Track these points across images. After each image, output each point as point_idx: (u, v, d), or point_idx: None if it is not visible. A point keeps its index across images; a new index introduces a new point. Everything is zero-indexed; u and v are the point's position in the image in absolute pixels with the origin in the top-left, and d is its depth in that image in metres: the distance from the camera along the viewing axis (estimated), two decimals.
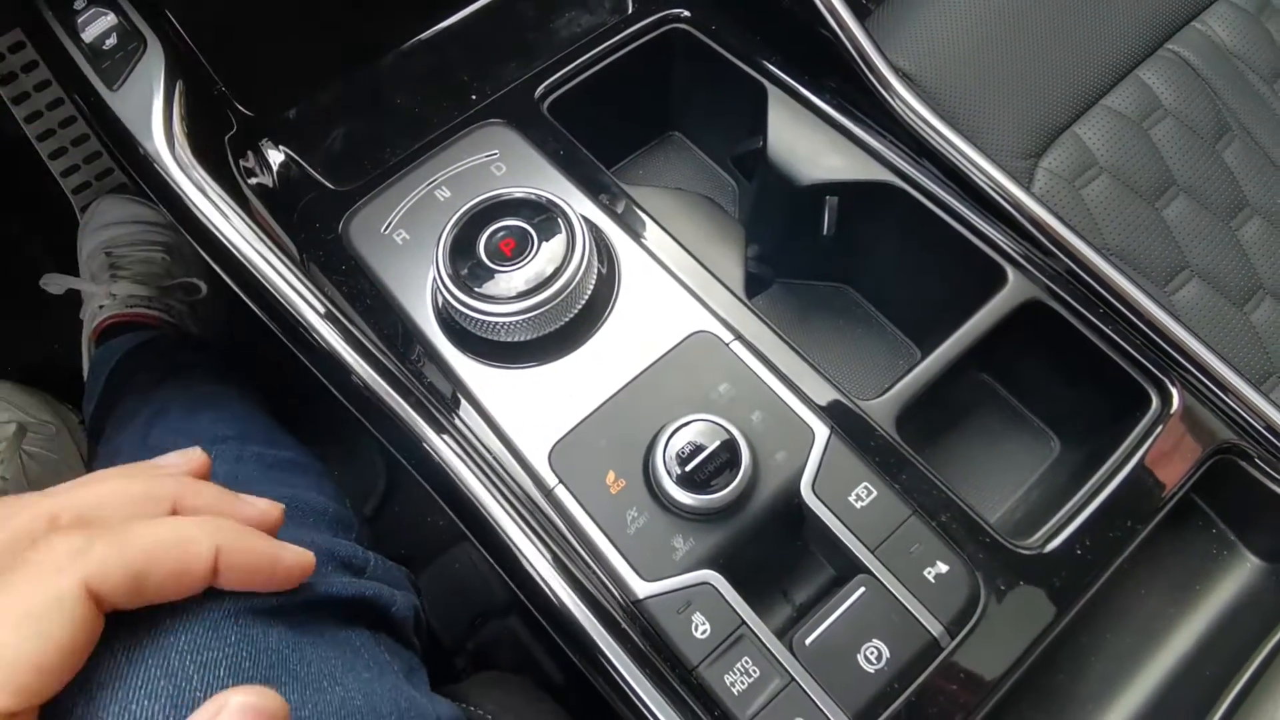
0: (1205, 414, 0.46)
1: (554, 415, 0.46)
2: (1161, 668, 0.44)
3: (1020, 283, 0.50)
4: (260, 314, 0.48)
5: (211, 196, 0.47)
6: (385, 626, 0.45)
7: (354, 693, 0.37)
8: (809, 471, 0.43)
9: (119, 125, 0.48)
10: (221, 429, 0.60)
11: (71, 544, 0.30)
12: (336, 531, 0.52)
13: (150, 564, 0.31)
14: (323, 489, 0.56)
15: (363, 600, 0.43)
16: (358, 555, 0.48)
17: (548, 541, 0.43)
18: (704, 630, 0.40)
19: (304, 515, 0.52)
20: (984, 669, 0.40)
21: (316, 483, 0.57)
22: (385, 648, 0.43)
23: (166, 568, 0.32)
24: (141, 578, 0.31)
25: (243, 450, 0.56)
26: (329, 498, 0.55)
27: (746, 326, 0.48)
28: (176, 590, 0.33)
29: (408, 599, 0.47)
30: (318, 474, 0.59)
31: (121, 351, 0.92)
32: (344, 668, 0.38)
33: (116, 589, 0.30)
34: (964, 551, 0.42)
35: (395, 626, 0.45)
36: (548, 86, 0.59)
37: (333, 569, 0.45)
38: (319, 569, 0.44)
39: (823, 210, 0.56)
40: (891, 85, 0.54)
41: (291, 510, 0.48)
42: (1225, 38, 0.80)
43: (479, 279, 0.46)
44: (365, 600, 0.43)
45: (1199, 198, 0.74)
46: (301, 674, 0.37)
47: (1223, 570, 0.47)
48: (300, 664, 0.37)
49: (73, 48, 0.50)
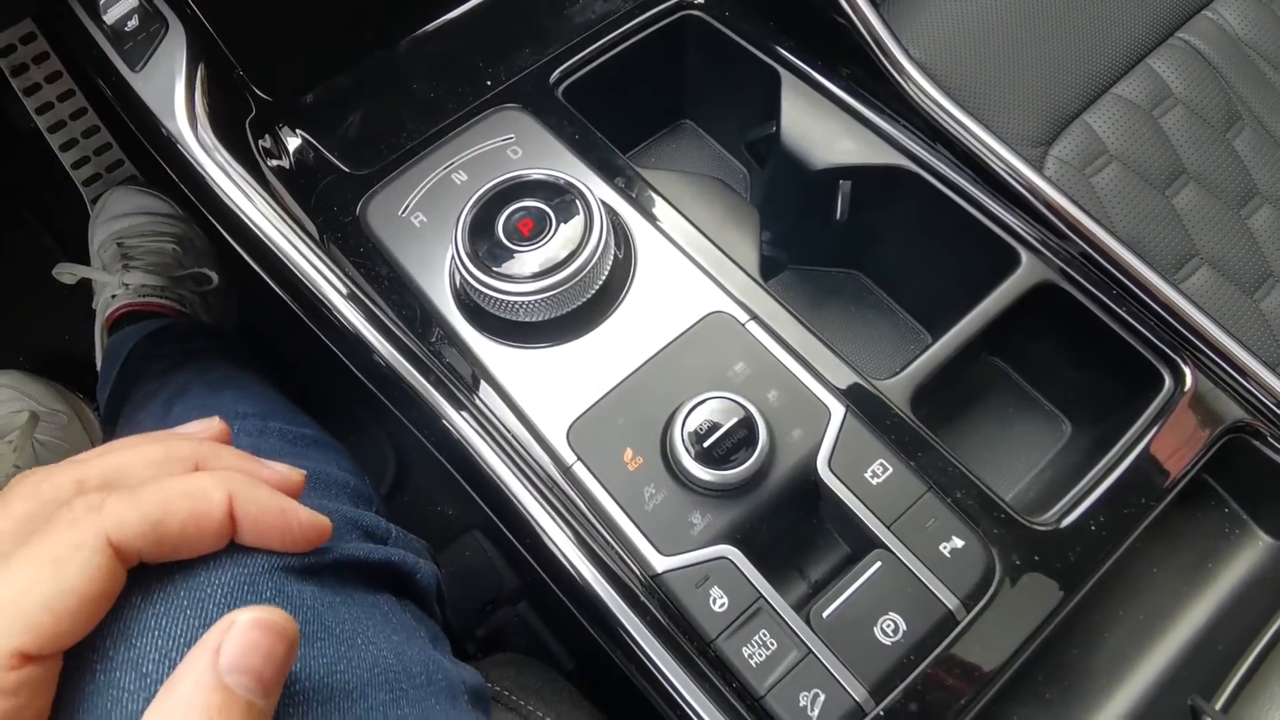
0: (1217, 393, 0.47)
1: (572, 394, 0.46)
2: (1174, 643, 0.45)
3: (1034, 265, 0.50)
4: (282, 294, 0.49)
5: (234, 177, 0.48)
6: (410, 594, 0.46)
7: (386, 652, 0.38)
8: (825, 449, 0.44)
9: (141, 106, 0.48)
10: (243, 406, 0.60)
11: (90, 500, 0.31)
12: (358, 504, 0.53)
13: (165, 513, 0.32)
14: (342, 465, 0.57)
15: (389, 565, 0.44)
16: (380, 526, 0.48)
17: (567, 517, 0.44)
18: (722, 604, 0.41)
19: (326, 487, 0.52)
20: (999, 642, 0.40)
21: (336, 459, 0.57)
22: (411, 614, 0.44)
23: (181, 516, 0.33)
24: (159, 526, 0.32)
25: (265, 426, 0.56)
26: (349, 473, 0.56)
27: (762, 307, 0.49)
28: (198, 539, 0.34)
29: (430, 569, 0.48)
30: (337, 451, 0.59)
31: (136, 339, 0.92)
32: (374, 628, 0.39)
33: (136, 538, 0.31)
34: (979, 527, 0.42)
35: (419, 594, 0.46)
36: (562, 72, 0.59)
37: (357, 536, 0.46)
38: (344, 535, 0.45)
39: (835, 195, 0.57)
40: (906, 70, 0.55)
41: (314, 481, 0.49)
42: (1236, 26, 0.81)
43: (498, 259, 0.46)
44: (391, 565, 0.44)
45: (1209, 186, 0.74)
46: (336, 630, 0.37)
47: (1234, 548, 0.47)
48: (335, 621, 0.37)
49: (95, 29, 0.50)
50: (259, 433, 0.56)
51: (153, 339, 0.92)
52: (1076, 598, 0.42)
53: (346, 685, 0.36)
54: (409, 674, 0.39)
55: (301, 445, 0.58)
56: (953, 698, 0.39)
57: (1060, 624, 0.43)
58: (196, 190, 0.48)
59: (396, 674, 0.38)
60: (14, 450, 1.02)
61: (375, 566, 0.43)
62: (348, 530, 0.46)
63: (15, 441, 1.03)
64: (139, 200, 1.17)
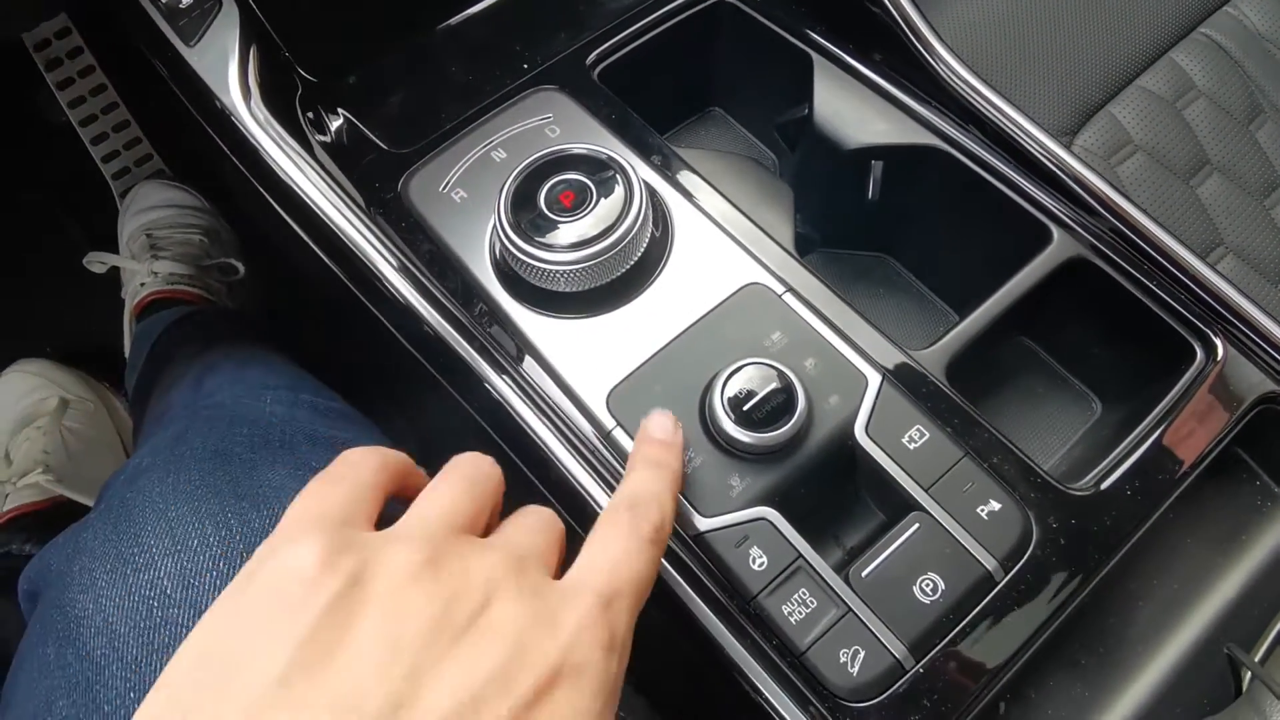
0: (1249, 366, 0.47)
1: (611, 362, 0.47)
2: (1207, 612, 0.45)
3: (1065, 241, 0.51)
4: (331, 264, 0.50)
5: (286, 150, 0.49)
6: None
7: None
8: (862, 414, 0.45)
9: (196, 80, 0.50)
10: (272, 380, 0.61)
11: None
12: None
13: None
14: (371, 436, 0.58)
15: None
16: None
17: (609, 480, 0.44)
18: (761, 563, 0.41)
19: None
20: (1037, 604, 0.41)
21: (367, 430, 0.58)
22: None
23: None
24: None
25: (296, 398, 0.57)
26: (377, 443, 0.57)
27: (798, 280, 0.50)
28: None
29: None
30: (367, 424, 0.60)
31: (165, 324, 0.94)
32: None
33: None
34: (1016, 491, 0.43)
35: None
36: (599, 55, 0.60)
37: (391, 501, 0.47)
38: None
39: (867, 175, 0.58)
40: (939, 53, 0.56)
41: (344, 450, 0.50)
42: (1257, 21, 0.81)
43: (539, 229, 0.47)
44: None
45: (1233, 176, 0.75)
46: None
47: (1267, 521, 0.47)
48: None
49: (150, 6, 0.51)
50: (290, 403, 0.57)
51: (181, 324, 0.94)
52: (1112, 561, 0.42)
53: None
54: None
55: (330, 417, 0.59)
56: (991, 657, 0.40)
57: (1095, 593, 0.43)
58: (249, 162, 0.50)
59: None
60: (43, 435, 1.03)
61: None
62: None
63: (44, 426, 1.04)
64: (167, 194, 1.19)
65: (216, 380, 0.64)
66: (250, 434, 0.46)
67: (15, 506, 0.98)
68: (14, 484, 1.00)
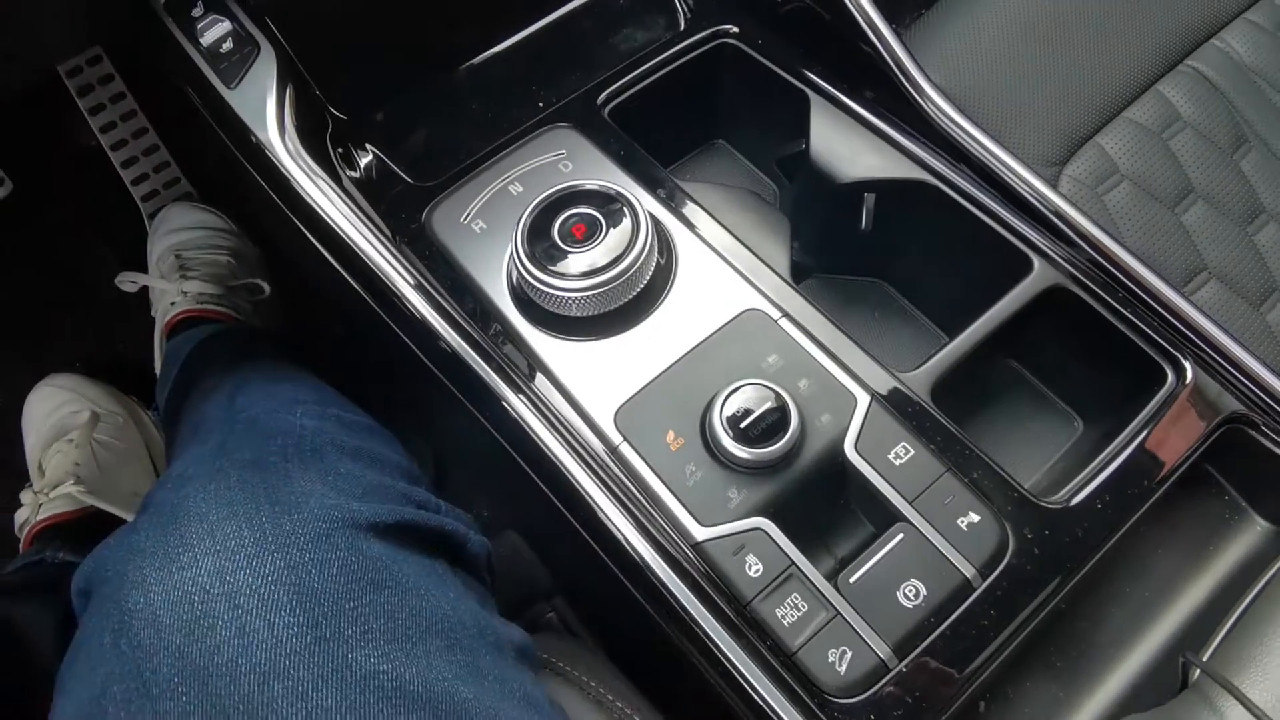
0: (1216, 387, 0.50)
1: (618, 382, 0.51)
2: (1175, 618, 0.48)
3: (1045, 270, 0.54)
4: (357, 286, 0.54)
5: (317, 182, 0.53)
6: (461, 562, 0.50)
7: (444, 604, 0.42)
8: (852, 432, 0.48)
9: (236, 119, 0.54)
10: (302, 395, 0.65)
11: None
12: (410, 482, 0.57)
13: None
14: (395, 449, 0.61)
15: (442, 532, 0.48)
16: (430, 501, 0.53)
17: (616, 491, 0.48)
18: (757, 569, 0.45)
19: (382, 465, 0.56)
20: (1012, 608, 0.44)
21: (390, 444, 0.62)
22: (461, 579, 0.48)
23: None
24: None
25: (324, 411, 0.61)
26: (401, 456, 0.60)
27: (793, 306, 0.53)
28: None
29: (480, 540, 0.52)
30: (389, 438, 0.64)
31: (195, 342, 0.98)
32: (433, 584, 0.43)
33: None
34: (994, 504, 0.46)
35: (469, 561, 0.50)
36: (609, 94, 0.64)
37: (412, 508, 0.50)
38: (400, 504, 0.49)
39: (861, 207, 0.61)
40: (927, 93, 0.60)
41: (371, 459, 0.54)
42: (1244, 54, 0.85)
43: (553, 258, 0.51)
44: (444, 533, 0.48)
45: (1217, 204, 0.78)
46: (401, 580, 0.42)
47: (1233, 533, 0.50)
48: (401, 572, 0.42)
49: (193, 50, 0.56)
50: (319, 416, 0.61)
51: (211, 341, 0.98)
52: (1084, 570, 0.45)
53: (407, 630, 0.41)
54: (462, 625, 0.43)
55: (357, 430, 0.62)
56: (969, 658, 0.43)
57: (1070, 599, 0.46)
58: (284, 194, 0.54)
59: (451, 624, 0.43)
60: (75, 448, 1.07)
61: (431, 531, 0.48)
62: (403, 502, 0.50)
63: (76, 439, 1.08)
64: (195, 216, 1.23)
65: (248, 396, 0.68)
66: (284, 444, 0.50)
67: (48, 516, 1.02)
68: (47, 494, 1.04)
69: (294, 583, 0.39)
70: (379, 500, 0.48)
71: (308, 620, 0.38)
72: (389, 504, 0.48)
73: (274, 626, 0.38)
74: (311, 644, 0.38)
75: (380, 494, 0.49)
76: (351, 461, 0.52)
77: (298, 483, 0.46)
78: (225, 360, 0.85)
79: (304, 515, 0.42)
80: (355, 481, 0.49)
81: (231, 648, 0.37)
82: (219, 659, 0.37)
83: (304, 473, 0.47)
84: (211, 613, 0.38)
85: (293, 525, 0.41)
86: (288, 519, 0.41)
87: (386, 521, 0.44)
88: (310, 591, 0.39)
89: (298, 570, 0.39)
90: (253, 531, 0.41)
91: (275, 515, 0.42)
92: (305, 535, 0.41)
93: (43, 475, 1.07)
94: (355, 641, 0.39)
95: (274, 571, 0.39)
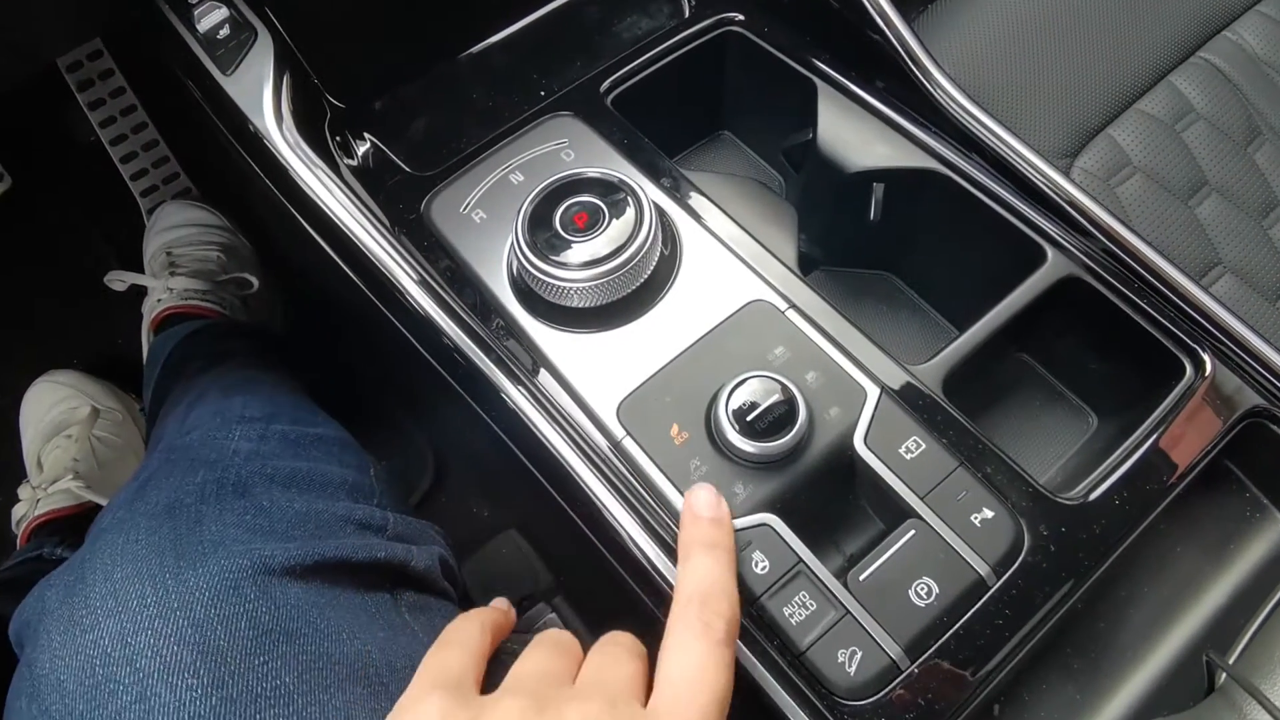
0: (1236, 381, 0.49)
1: (621, 375, 0.50)
2: (1196, 619, 0.47)
3: (1059, 260, 0.53)
4: (356, 278, 0.52)
5: (315, 171, 0.52)
6: (406, 583, 0.48)
7: (371, 647, 0.41)
8: (861, 426, 0.47)
9: (232, 106, 0.53)
10: (250, 410, 0.63)
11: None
12: (356, 498, 0.55)
13: None
14: (344, 460, 0.59)
15: (376, 563, 0.47)
16: (375, 516, 0.51)
17: (619, 486, 0.47)
18: (764, 567, 0.43)
19: (321, 486, 0.55)
20: (1028, 608, 0.43)
21: (338, 455, 0.60)
22: (406, 607, 0.47)
23: None
24: None
25: (267, 430, 0.59)
26: (348, 468, 0.58)
27: (800, 297, 0.52)
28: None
29: (427, 551, 0.50)
30: (340, 447, 0.62)
31: (175, 340, 0.97)
32: (361, 626, 0.42)
33: None
34: (1008, 500, 0.45)
35: (417, 579, 0.49)
36: (612, 82, 0.63)
37: (350, 531, 0.49)
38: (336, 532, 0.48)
39: (869, 197, 0.60)
40: (938, 81, 0.58)
41: (308, 482, 0.53)
42: (1256, 46, 0.83)
43: (554, 248, 0.50)
44: (379, 563, 0.47)
45: (1231, 197, 0.77)
46: (321, 626, 0.41)
47: (1255, 530, 0.49)
48: (320, 618, 0.41)
49: (189, 37, 0.55)
50: (259, 436, 0.60)
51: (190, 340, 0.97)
52: (1102, 568, 0.44)
53: (324, 680, 0.40)
54: (392, 668, 0.42)
55: (302, 445, 0.61)
56: (983, 659, 0.42)
57: (1087, 599, 0.45)
58: (281, 184, 0.53)
59: (378, 667, 0.42)
60: (74, 443, 1.07)
61: (363, 565, 0.46)
62: (339, 527, 0.49)
63: (75, 435, 1.08)
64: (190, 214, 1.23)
65: (199, 412, 0.67)
66: (204, 481, 0.50)
67: (46, 511, 1.01)
68: (45, 490, 1.03)
69: (198, 642, 0.38)
70: (305, 534, 0.47)
71: (212, 681, 0.37)
72: (315, 539, 0.46)
73: (176, 690, 0.37)
74: (217, 705, 0.37)
75: (309, 525, 0.48)
76: (281, 491, 0.51)
77: (210, 528, 0.45)
78: (195, 366, 0.84)
79: (210, 568, 0.41)
80: (279, 516, 0.47)
81: (133, 713, 0.36)
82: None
83: (219, 515, 0.46)
84: (113, 677, 0.38)
85: (197, 580, 0.40)
86: (192, 574, 0.40)
87: (305, 563, 0.43)
88: (215, 650, 0.38)
89: (202, 628, 0.38)
90: (155, 591, 0.40)
91: (179, 571, 0.41)
92: (210, 590, 0.40)
93: (41, 470, 1.06)
94: (265, 700, 0.38)
95: (176, 631, 0.38)
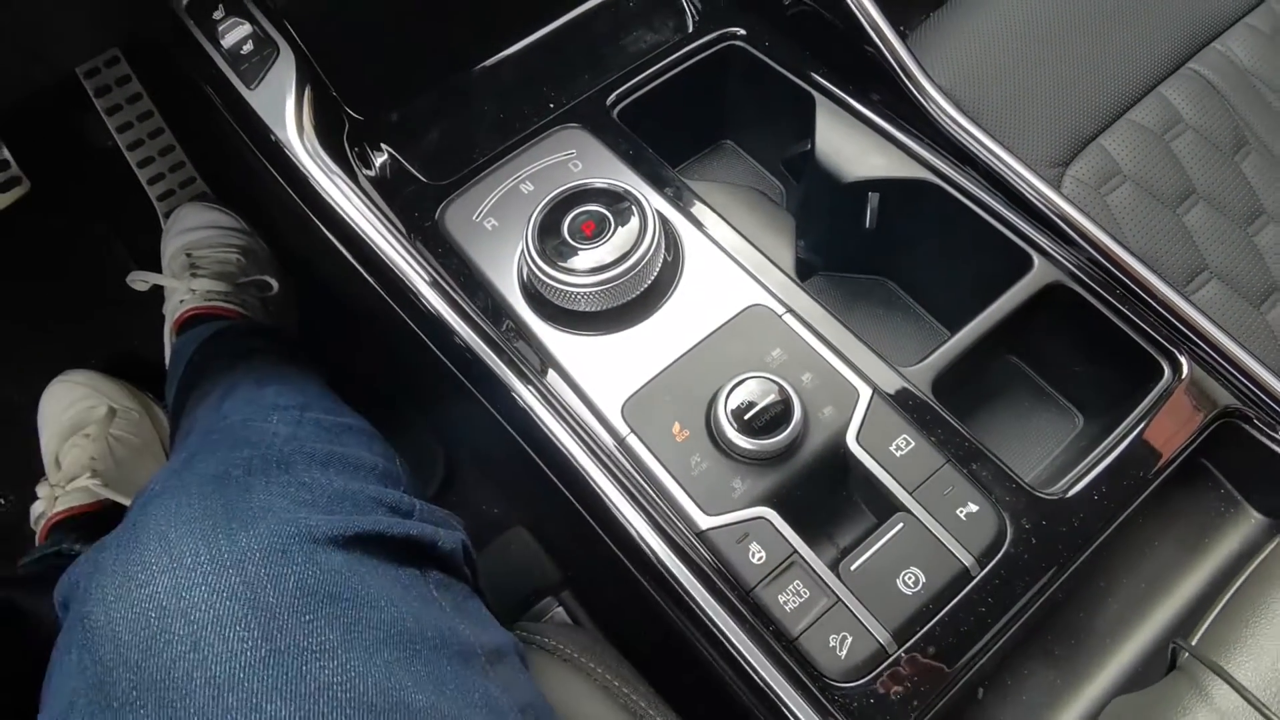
0: (1211, 382, 0.51)
1: (625, 375, 0.52)
2: (1171, 607, 0.49)
3: (1045, 267, 0.56)
4: (373, 281, 0.55)
5: (335, 181, 0.55)
6: (433, 563, 0.51)
7: (405, 615, 0.44)
8: (854, 424, 0.49)
9: (255, 118, 0.56)
10: (284, 399, 0.66)
11: None
12: (385, 484, 0.58)
13: None
14: (374, 449, 0.62)
15: (409, 539, 0.49)
16: (403, 501, 0.54)
17: (623, 481, 0.49)
18: (760, 557, 0.46)
19: (355, 469, 0.57)
20: (1010, 596, 0.45)
21: (367, 443, 0.62)
22: (434, 584, 0.49)
23: None
24: None
25: (302, 416, 0.61)
26: (380, 456, 0.61)
27: (797, 302, 0.54)
28: None
29: (452, 535, 0.53)
30: (371, 437, 0.64)
31: (199, 340, 0.99)
32: (397, 596, 0.44)
33: None
34: (992, 495, 0.47)
35: (443, 560, 0.51)
36: (618, 95, 0.66)
37: (383, 512, 0.51)
38: (369, 511, 0.50)
39: (865, 206, 0.62)
40: (931, 95, 0.61)
41: (343, 464, 0.55)
42: (1244, 58, 0.86)
43: (563, 254, 0.52)
44: (411, 539, 0.49)
45: (1218, 205, 0.79)
46: (361, 592, 0.43)
47: (1228, 525, 0.51)
48: (360, 584, 0.43)
49: (214, 52, 0.58)
50: (296, 422, 0.61)
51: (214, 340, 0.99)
52: (1080, 560, 0.46)
53: (364, 641, 0.42)
54: (424, 636, 0.44)
55: (335, 432, 0.63)
56: (968, 644, 0.44)
57: (1067, 588, 0.48)
58: (302, 192, 0.55)
59: (412, 635, 0.44)
60: (91, 441, 1.09)
61: (397, 541, 0.48)
62: (373, 507, 0.51)
63: (92, 433, 1.10)
64: (208, 215, 1.25)
65: (233, 401, 0.69)
66: (250, 456, 0.52)
67: (65, 508, 1.04)
68: (63, 487, 1.06)
69: (249, 598, 0.40)
70: (344, 510, 0.49)
71: (262, 634, 0.39)
72: (353, 514, 0.48)
73: (228, 640, 0.39)
74: (266, 656, 0.39)
75: (346, 502, 0.50)
76: (320, 470, 0.53)
77: (258, 497, 0.47)
78: (222, 363, 0.86)
79: (260, 531, 0.43)
80: (320, 491, 0.49)
81: (187, 661, 0.38)
82: (174, 673, 0.38)
83: (266, 486, 0.48)
84: (168, 629, 0.40)
85: (249, 541, 0.42)
86: (244, 535, 0.43)
87: (346, 534, 0.45)
88: (265, 606, 0.40)
89: (253, 586, 0.40)
90: (209, 549, 0.42)
91: (231, 532, 0.43)
92: (261, 551, 0.42)
93: (59, 468, 1.09)
94: (311, 654, 0.40)
95: (229, 587, 0.40)
